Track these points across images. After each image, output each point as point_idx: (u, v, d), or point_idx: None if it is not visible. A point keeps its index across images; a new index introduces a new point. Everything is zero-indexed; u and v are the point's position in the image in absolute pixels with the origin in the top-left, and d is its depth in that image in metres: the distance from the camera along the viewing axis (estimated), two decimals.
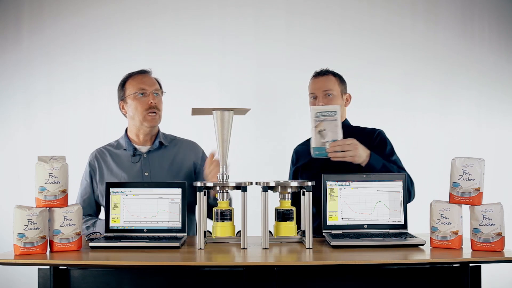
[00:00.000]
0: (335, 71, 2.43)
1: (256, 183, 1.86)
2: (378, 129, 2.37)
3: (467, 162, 1.77)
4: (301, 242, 1.89)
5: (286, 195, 1.88)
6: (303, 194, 1.87)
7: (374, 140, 2.30)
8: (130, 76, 2.33)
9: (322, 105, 2.27)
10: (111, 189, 1.95)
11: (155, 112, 2.26)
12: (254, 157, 3.37)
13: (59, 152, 1.97)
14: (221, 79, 3.44)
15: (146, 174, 2.26)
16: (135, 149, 2.30)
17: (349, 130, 2.28)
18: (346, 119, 2.44)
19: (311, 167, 2.33)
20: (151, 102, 2.24)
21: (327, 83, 2.34)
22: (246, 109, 1.90)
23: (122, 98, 2.33)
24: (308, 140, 2.39)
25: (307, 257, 1.68)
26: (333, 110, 1.97)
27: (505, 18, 3.51)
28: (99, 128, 3.45)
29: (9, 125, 3.46)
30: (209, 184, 1.82)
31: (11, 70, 3.46)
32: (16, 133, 3.46)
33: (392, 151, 2.28)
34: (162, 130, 2.42)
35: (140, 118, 2.25)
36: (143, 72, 2.33)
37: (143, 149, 2.32)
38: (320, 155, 1.98)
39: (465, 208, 1.79)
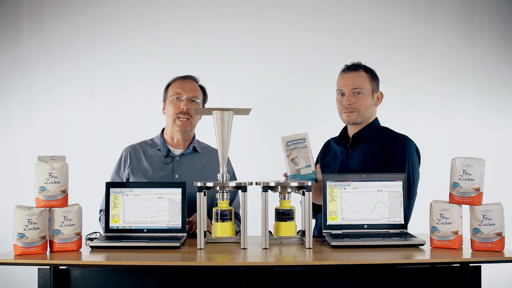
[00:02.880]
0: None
1: (256, 183, 1.86)
2: (404, 136, 2.22)
3: (467, 162, 1.77)
4: (301, 242, 1.89)
5: (286, 195, 1.88)
6: (303, 194, 1.87)
7: (393, 146, 2.18)
8: (174, 79, 2.37)
9: (349, 104, 2.18)
10: (111, 189, 1.95)
11: (187, 118, 2.28)
12: (254, 157, 3.37)
13: (59, 152, 1.97)
14: (221, 79, 3.44)
15: (176, 176, 2.28)
16: (169, 150, 2.32)
17: (373, 130, 2.24)
18: (376, 119, 2.28)
19: (330, 166, 2.31)
20: (183, 108, 2.27)
21: (357, 79, 2.19)
22: (247, 109, 1.90)
23: (164, 99, 2.37)
24: (336, 137, 2.39)
25: (307, 257, 1.68)
26: (302, 138, 2.02)
27: (505, 18, 3.51)
28: (99, 127, 3.46)
29: (9, 124, 3.47)
30: (209, 184, 1.82)
31: (11, 69, 3.46)
32: (16, 133, 3.46)
33: (403, 166, 2.11)
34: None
35: (171, 120, 2.29)
36: (186, 77, 2.36)
37: (176, 151, 2.34)
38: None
39: (465, 208, 1.79)
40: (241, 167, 2.62)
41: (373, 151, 2.20)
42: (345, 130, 2.34)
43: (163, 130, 2.40)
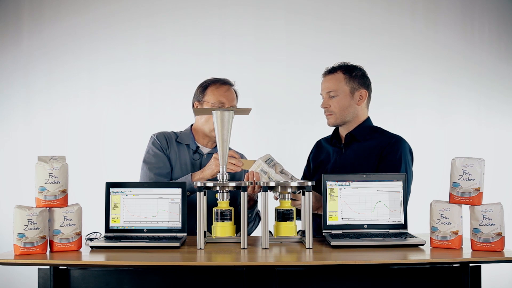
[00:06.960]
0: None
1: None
2: (397, 136, 2.21)
3: (467, 162, 1.77)
4: (301, 242, 1.89)
5: (286, 195, 1.88)
6: (303, 194, 1.87)
7: (387, 146, 2.17)
8: (214, 82, 2.35)
9: (326, 107, 2.23)
10: (111, 189, 1.95)
11: None
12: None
13: (59, 152, 1.97)
14: None
15: None
16: (198, 147, 2.35)
17: (366, 130, 2.24)
18: (368, 118, 2.28)
19: (324, 165, 2.31)
20: None
21: (331, 83, 2.23)
22: (247, 109, 1.90)
23: (199, 100, 2.36)
24: (327, 137, 2.39)
25: (307, 257, 1.68)
26: (268, 157, 2.09)
27: (505, 18, 3.51)
28: (99, 127, 3.46)
29: (9, 124, 3.47)
30: (209, 184, 1.82)
31: (11, 69, 3.46)
32: (16, 133, 3.46)
33: (399, 165, 2.11)
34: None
35: (210, 128, 2.31)
36: (226, 83, 2.36)
37: (205, 150, 2.37)
38: None
39: (465, 208, 1.79)
40: None
41: (367, 150, 2.20)
42: (336, 130, 2.35)
43: (191, 125, 2.42)
